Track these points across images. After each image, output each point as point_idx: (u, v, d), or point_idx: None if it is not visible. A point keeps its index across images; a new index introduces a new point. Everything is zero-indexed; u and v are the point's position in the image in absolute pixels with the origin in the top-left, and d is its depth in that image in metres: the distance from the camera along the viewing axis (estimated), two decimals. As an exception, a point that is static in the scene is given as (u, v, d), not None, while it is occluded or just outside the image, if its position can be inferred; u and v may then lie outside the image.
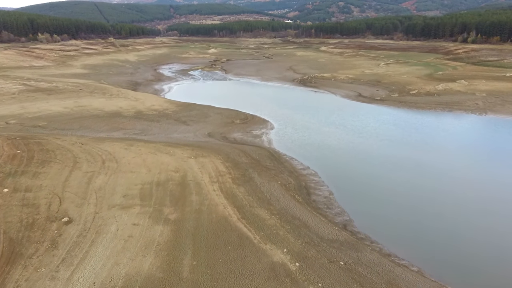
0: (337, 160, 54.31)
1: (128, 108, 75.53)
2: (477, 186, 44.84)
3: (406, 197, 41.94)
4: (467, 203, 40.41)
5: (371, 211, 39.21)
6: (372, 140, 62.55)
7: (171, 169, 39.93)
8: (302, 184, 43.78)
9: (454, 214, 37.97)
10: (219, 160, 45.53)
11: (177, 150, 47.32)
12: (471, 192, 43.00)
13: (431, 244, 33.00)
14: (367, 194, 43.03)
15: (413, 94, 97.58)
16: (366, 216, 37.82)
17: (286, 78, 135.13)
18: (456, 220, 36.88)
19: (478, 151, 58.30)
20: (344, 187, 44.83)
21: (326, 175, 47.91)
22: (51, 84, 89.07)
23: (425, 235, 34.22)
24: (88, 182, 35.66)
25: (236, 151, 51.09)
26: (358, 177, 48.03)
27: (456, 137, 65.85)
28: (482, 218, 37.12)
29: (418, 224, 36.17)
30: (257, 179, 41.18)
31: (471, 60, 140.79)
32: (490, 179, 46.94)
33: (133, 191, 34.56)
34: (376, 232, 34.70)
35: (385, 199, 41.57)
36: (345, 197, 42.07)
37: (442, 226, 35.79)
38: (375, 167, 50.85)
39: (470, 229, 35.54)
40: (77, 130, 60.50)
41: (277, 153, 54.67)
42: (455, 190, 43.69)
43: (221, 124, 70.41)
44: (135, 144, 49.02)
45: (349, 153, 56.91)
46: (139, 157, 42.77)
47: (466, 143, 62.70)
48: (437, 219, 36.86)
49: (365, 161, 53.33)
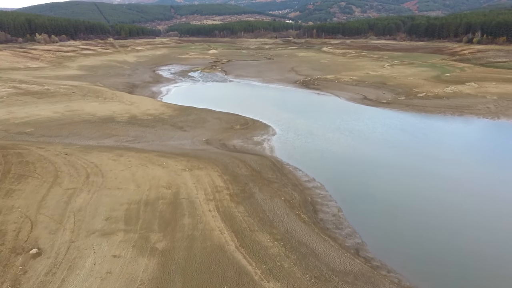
0: (343, 170, 50.16)
1: (122, 113, 71.44)
2: (499, 200, 40.60)
3: (421, 213, 37.76)
4: (488, 219, 36.21)
5: (384, 230, 35.16)
6: (381, 148, 58.42)
7: (163, 184, 35.76)
8: (308, 200, 39.64)
9: (476, 233, 33.78)
10: (217, 172, 41.40)
11: (170, 161, 43.17)
12: (491, 206, 38.80)
13: (455, 271, 28.91)
14: (378, 210, 38.92)
15: (421, 97, 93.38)
16: (379, 237, 33.75)
17: (288, 80, 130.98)
18: (481, 240, 32.67)
19: (496, 160, 53.99)
20: (353, 202, 40.76)
21: (333, 187, 43.85)
22: (43, 87, 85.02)
23: (448, 261, 30.07)
24: (68, 201, 31.49)
25: (236, 161, 46.97)
26: (367, 189, 43.90)
27: (470, 144, 61.67)
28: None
29: (437, 245, 32.04)
30: (258, 195, 37.04)
31: (478, 61, 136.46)
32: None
33: (118, 213, 30.35)
34: (392, 257, 30.61)
35: (398, 216, 37.42)
36: (355, 214, 38.00)
37: (465, 248, 31.65)
38: (385, 178, 46.71)
39: (502, 252, 31.30)
40: (65, 137, 56.44)
41: (280, 163, 50.57)
42: (476, 205, 39.48)
43: (220, 129, 66.34)
44: (125, 154, 44.90)
45: (356, 162, 52.80)
46: (128, 170, 38.63)
47: (482, 151, 58.38)
48: (460, 241, 32.68)
49: (374, 171, 49.19)
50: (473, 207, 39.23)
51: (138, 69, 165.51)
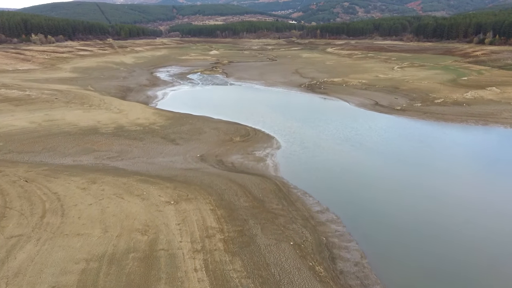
0: (360, 195, 42.10)
1: (107, 123, 63.63)
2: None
3: (467, 254, 29.76)
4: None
5: (422, 285, 27.39)
6: (400, 165, 50.46)
7: (138, 227, 27.86)
8: (323, 241, 31.67)
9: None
10: (209, 205, 33.47)
11: (153, 190, 35.27)
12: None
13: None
14: (409, 255, 31.03)
15: (438, 103, 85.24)
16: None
17: (292, 83, 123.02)
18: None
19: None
20: (377, 240, 32.96)
21: (350, 220, 36.08)
22: (24, 92, 77.26)
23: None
24: (5, 259, 23.51)
25: (233, 188, 39.04)
26: (392, 223, 36.04)
27: (502, 160, 53.49)
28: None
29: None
30: (261, 239, 29.12)
31: (495, 63, 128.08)
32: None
33: (69, 278, 22.08)
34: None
35: (433, 266, 29.42)
36: (382, 260, 30.19)
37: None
38: (412, 208, 38.74)
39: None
40: (37, 153, 48.65)
41: (286, 186, 42.74)
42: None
43: (218, 142, 58.50)
44: (99, 179, 37.02)
45: (372, 183, 44.92)
46: (97, 205, 30.79)
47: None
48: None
49: (398, 197, 41.22)
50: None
51: (135, 71, 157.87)
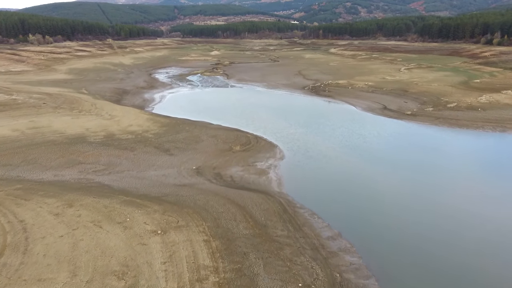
0: (373, 216, 37.01)
1: (96, 130, 58.80)
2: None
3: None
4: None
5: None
6: (417, 179, 45.32)
7: (115, 268, 22.91)
8: (336, 279, 26.72)
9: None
10: (203, 234, 28.56)
11: (138, 215, 30.37)
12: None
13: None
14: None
15: (451, 108, 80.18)
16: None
17: (295, 85, 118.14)
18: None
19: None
20: (400, 276, 28.16)
21: (365, 249, 31.20)
22: (10, 96, 72.50)
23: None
24: None
25: (232, 210, 34.13)
26: (412, 251, 31.20)
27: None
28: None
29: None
30: (264, 281, 24.20)
31: (507, 65, 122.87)
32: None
33: None
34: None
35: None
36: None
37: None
38: (434, 232, 33.73)
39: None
40: (15, 167, 43.87)
41: (292, 205, 37.90)
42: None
43: (216, 152, 53.67)
44: (77, 201, 32.15)
45: (386, 201, 40.06)
46: (69, 237, 25.93)
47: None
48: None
49: (417, 219, 36.16)
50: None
51: (133, 72, 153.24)
